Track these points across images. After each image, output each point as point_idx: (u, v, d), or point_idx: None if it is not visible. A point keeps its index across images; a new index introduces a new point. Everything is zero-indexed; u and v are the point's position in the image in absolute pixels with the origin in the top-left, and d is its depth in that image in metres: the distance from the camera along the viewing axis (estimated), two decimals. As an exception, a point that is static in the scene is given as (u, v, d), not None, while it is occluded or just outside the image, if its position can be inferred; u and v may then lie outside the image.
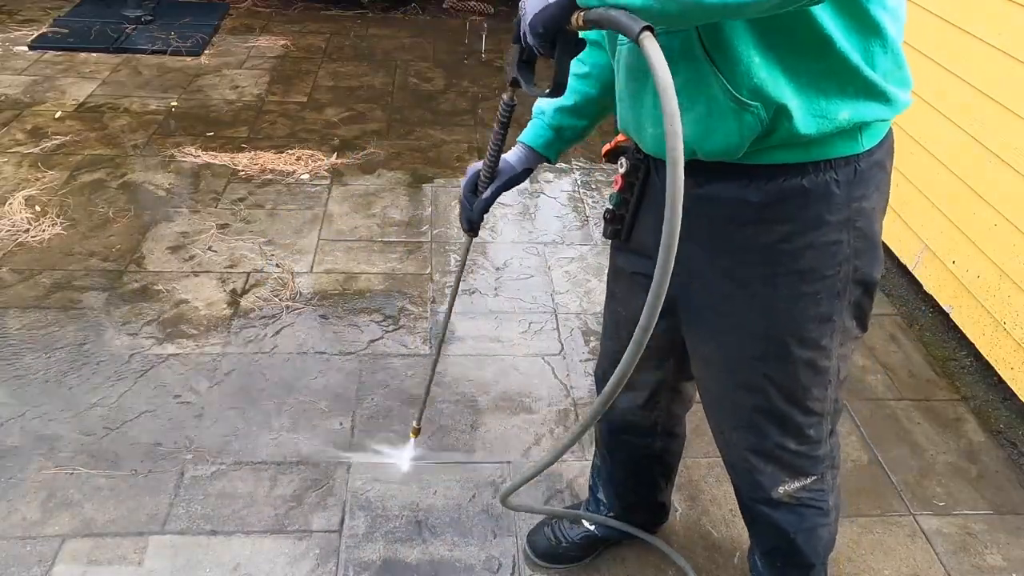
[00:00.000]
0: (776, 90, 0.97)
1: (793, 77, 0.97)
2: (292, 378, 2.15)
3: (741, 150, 1.02)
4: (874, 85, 0.99)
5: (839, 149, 1.04)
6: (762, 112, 0.98)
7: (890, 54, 0.99)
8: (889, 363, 2.41)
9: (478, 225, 1.36)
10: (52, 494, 1.78)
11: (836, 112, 0.99)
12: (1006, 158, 2.24)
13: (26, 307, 2.32)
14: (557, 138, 1.33)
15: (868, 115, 1.01)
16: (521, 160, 1.33)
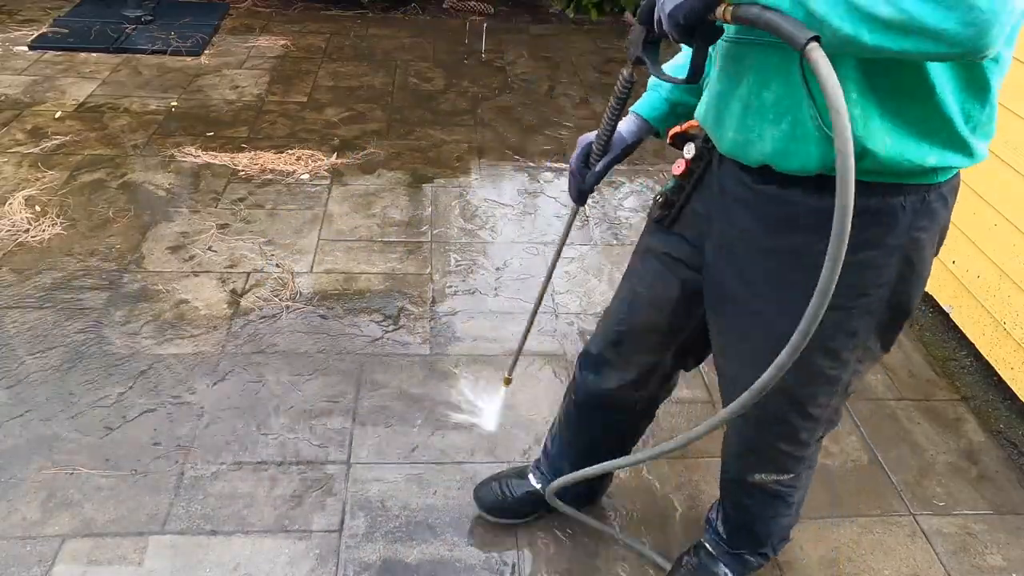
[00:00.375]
0: (864, 128, 0.97)
1: (888, 117, 0.97)
2: (292, 378, 2.15)
3: (817, 171, 1.03)
4: (961, 137, 1.01)
5: (915, 179, 1.05)
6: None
7: (987, 108, 1.01)
8: (889, 363, 2.41)
9: (587, 195, 1.37)
10: (52, 494, 1.78)
11: (923, 157, 1.00)
12: (1006, 158, 2.24)
13: (26, 307, 2.32)
14: (671, 112, 1.33)
15: (949, 163, 1.03)
16: (633, 132, 1.33)
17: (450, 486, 1.88)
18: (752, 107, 1.05)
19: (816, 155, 1.01)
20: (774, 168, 1.07)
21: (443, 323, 2.41)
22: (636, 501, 1.89)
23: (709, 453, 2.03)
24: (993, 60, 0.94)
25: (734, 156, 1.12)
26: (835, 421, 1.37)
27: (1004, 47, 0.94)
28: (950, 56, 0.78)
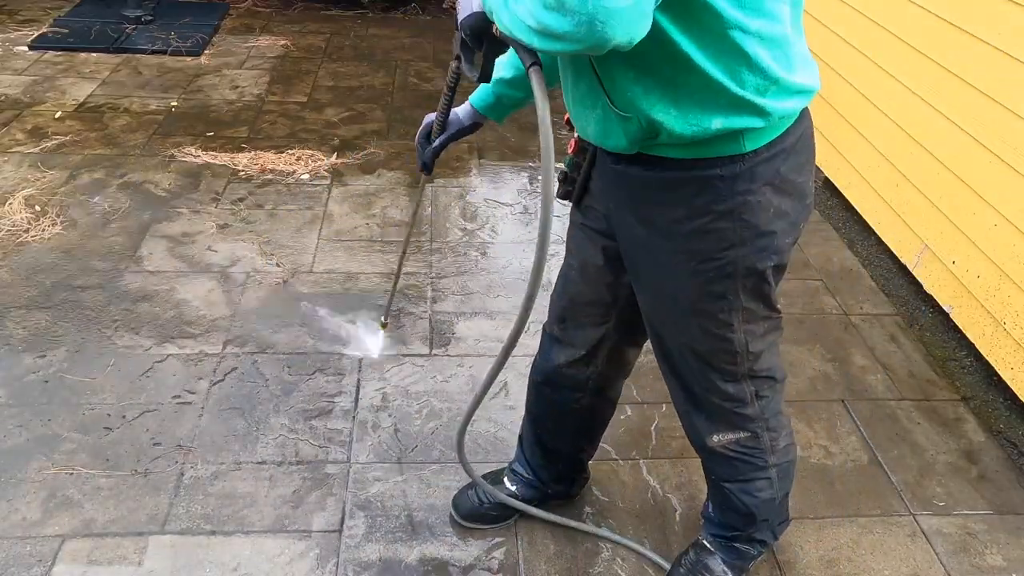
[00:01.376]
0: (647, 103, 1.10)
1: (667, 92, 1.09)
2: (292, 378, 2.15)
3: (634, 148, 1.18)
4: (742, 99, 1.09)
5: (722, 149, 1.15)
6: (641, 121, 1.13)
7: (758, 73, 1.08)
8: (889, 363, 2.41)
9: (431, 167, 1.58)
10: (52, 494, 1.78)
11: (708, 122, 1.10)
12: (1006, 158, 2.24)
13: (26, 307, 2.32)
14: (497, 103, 1.50)
15: (740, 124, 1.11)
16: (468, 115, 1.52)
17: (450, 486, 1.88)
18: (577, 98, 1.23)
19: (622, 135, 1.17)
20: (605, 148, 1.24)
21: (443, 323, 2.41)
22: (635, 500, 1.89)
23: (709, 453, 2.03)
24: (744, 31, 1.03)
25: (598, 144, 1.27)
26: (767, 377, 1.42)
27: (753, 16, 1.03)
28: (589, 51, 0.88)
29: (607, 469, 1.97)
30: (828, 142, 3.27)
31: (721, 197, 1.18)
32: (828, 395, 2.27)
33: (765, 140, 1.16)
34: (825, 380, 2.32)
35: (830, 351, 2.44)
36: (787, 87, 1.13)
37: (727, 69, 1.06)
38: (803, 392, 2.27)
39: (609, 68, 1.10)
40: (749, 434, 1.47)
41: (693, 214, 1.20)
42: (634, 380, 2.25)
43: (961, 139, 2.44)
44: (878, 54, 2.92)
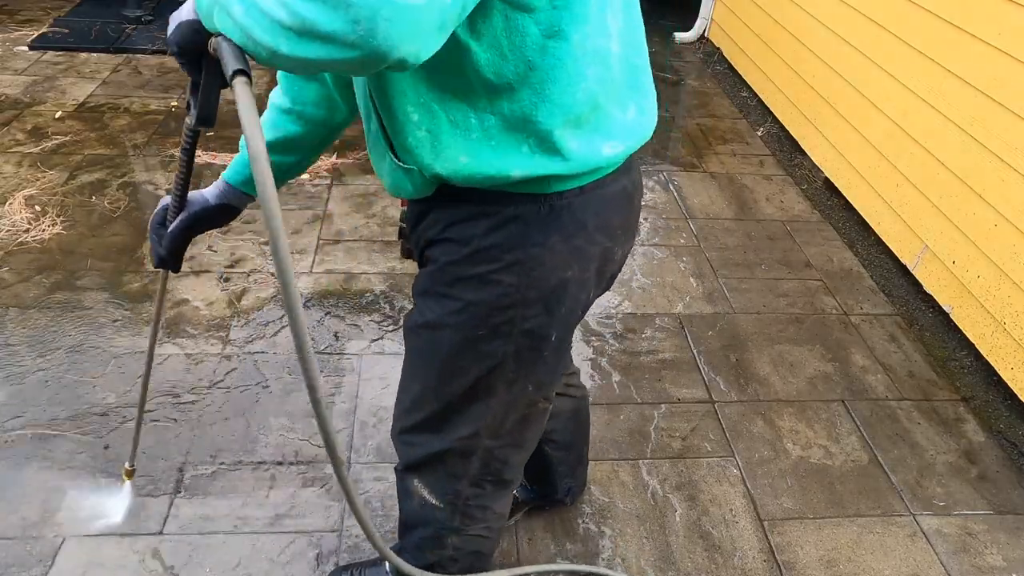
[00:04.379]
0: (433, 152, 0.92)
1: (459, 132, 0.90)
2: (292, 378, 2.16)
3: (431, 191, 1.00)
4: (548, 135, 0.90)
5: (523, 189, 0.96)
6: (424, 174, 0.95)
7: (577, 92, 0.89)
8: (889, 363, 2.41)
9: (170, 259, 1.21)
10: (52, 494, 1.78)
11: (508, 169, 0.92)
12: (1006, 158, 2.24)
13: (26, 307, 2.32)
14: None
15: (543, 171, 0.93)
16: (217, 195, 1.20)
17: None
18: (370, 145, 1.04)
19: (410, 188, 0.99)
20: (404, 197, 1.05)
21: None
22: (635, 501, 1.89)
23: (709, 453, 2.04)
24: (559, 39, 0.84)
25: (395, 195, 1.09)
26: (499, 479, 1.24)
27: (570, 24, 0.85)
28: (358, 65, 0.69)
29: (607, 469, 1.97)
30: (828, 142, 3.27)
31: (512, 244, 0.98)
32: (828, 395, 2.27)
33: (576, 184, 0.97)
34: (825, 380, 2.32)
35: (830, 351, 2.44)
36: (608, 123, 0.95)
37: (540, 90, 0.87)
38: (803, 392, 2.27)
39: (390, 107, 0.91)
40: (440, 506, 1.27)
41: (476, 258, 1.00)
42: (633, 381, 2.25)
43: (961, 139, 2.44)
44: (878, 54, 2.92)
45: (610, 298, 2.58)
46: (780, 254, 2.90)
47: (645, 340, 2.42)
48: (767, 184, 3.38)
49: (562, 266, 1.00)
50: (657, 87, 3.85)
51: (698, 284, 2.70)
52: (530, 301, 1.02)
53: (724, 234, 3.00)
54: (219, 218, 1.22)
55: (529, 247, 0.98)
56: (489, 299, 1.02)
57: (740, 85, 4.24)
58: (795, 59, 3.57)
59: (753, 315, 2.57)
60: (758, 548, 1.80)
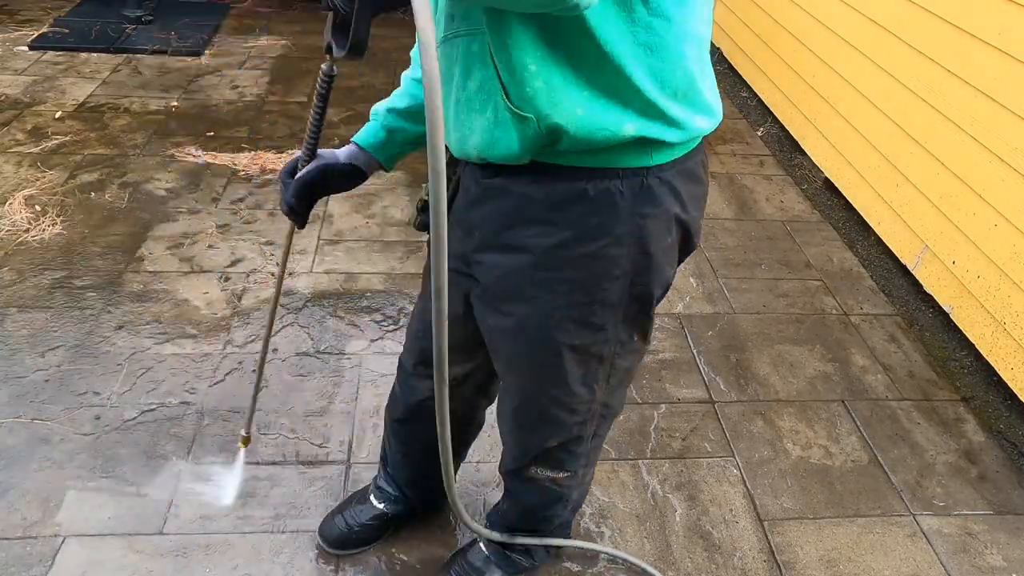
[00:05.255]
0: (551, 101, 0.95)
1: (575, 88, 0.94)
2: (292, 378, 2.16)
3: (526, 157, 1.01)
4: (655, 103, 0.96)
5: (626, 160, 1.01)
6: (540, 124, 0.96)
7: (681, 74, 0.96)
8: (889, 363, 2.41)
9: (299, 210, 1.23)
10: (52, 494, 1.78)
11: (620, 125, 0.96)
12: (1006, 158, 2.24)
13: (26, 307, 2.32)
14: (389, 140, 1.29)
15: (653, 133, 0.98)
16: (348, 155, 1.26)
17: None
18: (462, 101, 1.03)
19: (517, 140, 0.99)
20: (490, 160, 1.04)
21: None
22: (635, 501, 1.89)
23: (709, 453, 2.04)
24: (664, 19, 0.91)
25: (463, 156, 1.09)
26: (610, 414, 1.35)
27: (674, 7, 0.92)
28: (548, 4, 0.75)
29: (607, 469, 1.97)
30: (828, 142, 3.27)
31: (620, 217, 1.03)
32: (828, 395, 2.27)
33: (671, 157, 1.04)
34: (825, 380, 2.32)
35: (830, 351, 2.44)
36: (701, 99, 1.02)
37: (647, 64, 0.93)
38: (803, 392, 2.27)
39: (509, 56, 0.94)
40: (570, 473, 1.41)
41: (585, 237, 1.04)
42: (633, 380, 2.25)
43: (961, 139, 2.44)
44: (878, 54, 2.92)
45: (610, 298, 2.58)
46: (780, 254, 2.90)
47: (645, 340, 2.42)
48: (767, 184, 3.38)
49: (665, 232, 1.08)
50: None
51: (698, 284, 2.70)
52: (640, 269, 1.09)
53: (724, 234, 3.00)
54: (346, 178, 1.25)
55: (637, 218, 1.04)
56: (599, 273, 1.07)
57: (740, 85, 4.24)
58: (795, 59, 3.57)
59: (753, 315, 2.57)
60: (758, 548, 1.80)
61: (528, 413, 1.30)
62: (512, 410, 1.33)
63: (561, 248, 1.06)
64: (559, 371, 1.19)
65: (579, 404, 1.25)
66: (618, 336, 1.17)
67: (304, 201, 1.23)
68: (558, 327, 1.13)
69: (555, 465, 1.38)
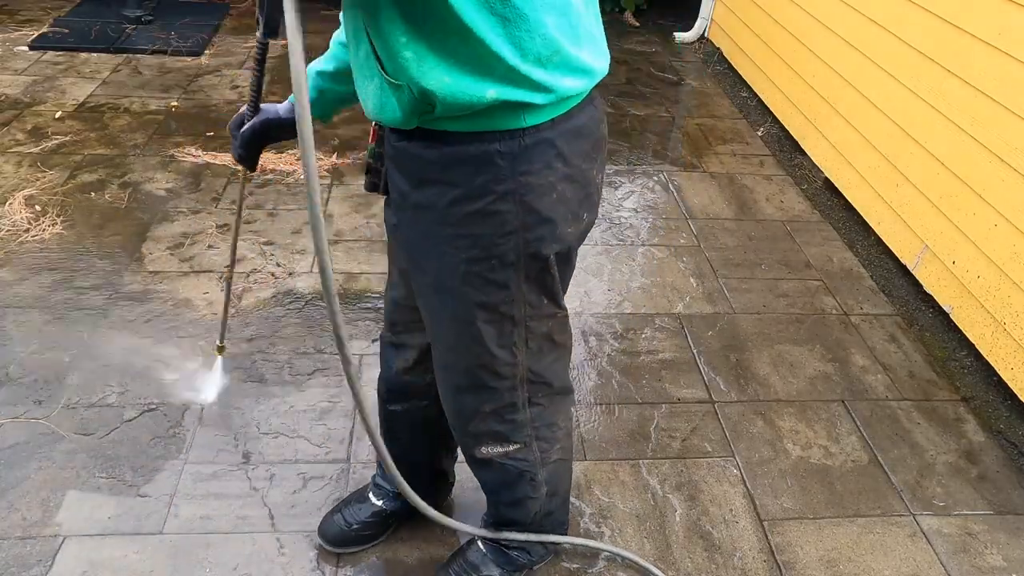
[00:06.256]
0: (419, 71, 1.01)
1: (442, 57, 1.00)
2: (292, 377, 2.15)
3: (411, 122, 1.09)
4: (520, 72, 1.02)
5: (500, 123, 1.07)
6: (413, 91, 1.04)
7: (538, 40, 1.01)
8: (889, 363, 2.41)
9: (247, 157, 1.40)
10: (52, 494, 1.78)
11: (482, 92, 1.02)
12: (1006, 158, 2.24)
13: (26, 307, 2.32)
14: (320, 99, 1.44)
15: (516, 97, 1.04)
16: (287, 109, 1.41)
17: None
18: (357, 68, 1.13)
19: (397, 106, 1.07)
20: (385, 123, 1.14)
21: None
22: (635, 501, 1.89)
23: (709, 453, 2.04)
24: None
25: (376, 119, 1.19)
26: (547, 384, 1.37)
27: None
28: None
29: (607, 469, 1.97)
30: (828, 142, 3.27)
31: (502, 176, 1.10)
32: (828, 395, 2.27)
33: (547, 116, 1.10)
34: (825, 380, 2.32)
35: (830, 351, 2.44)
36: (569, 61, 1.06)
37: (506, 34, 0.98)
38: (803, 392, 2.27)
39: (381, 31, 1.01)
40: (518, 445, 1.42)
41: (473, 195, 1.12)
42: (633, 381, 2.25)
43: (961, 139, 2.44)
44: (878, 54, 2.92)
45: (610, 298, 2.58)
46: (780, 254, 2.90)
47: (645, 340, 2.42)
48: (767, 184, 3.38)
49: (549, 189, 1.13)
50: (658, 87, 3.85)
51: (698, 284, 2.70)
52: (529, 225, 1.14)
53: (724, 234, 3.00)
54: (286, 130, 1.40)
55: (518, 176, 1.10)
56: (492, 230, 1.14)
57: (740, 85, 4.24)
58: (795, 59, 3.57)
59: (753, 315, 2.57)
60: (758, 548, 1.80)
61: (455, 375, 1.35)
62: (442, 378, 1.38)
63: (455, 205, 1.14)
64: (474, 330, 1.24)
65: (502, 367, 1.30)
66: (524, 297, 1.23)
67: (252, 150, 1.40)
68: (465, 282, 1.20)
69: (499, 438, 1.41)
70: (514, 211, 1.13)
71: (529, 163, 1.10)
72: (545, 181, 1.12)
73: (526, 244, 1.16)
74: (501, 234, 1.14)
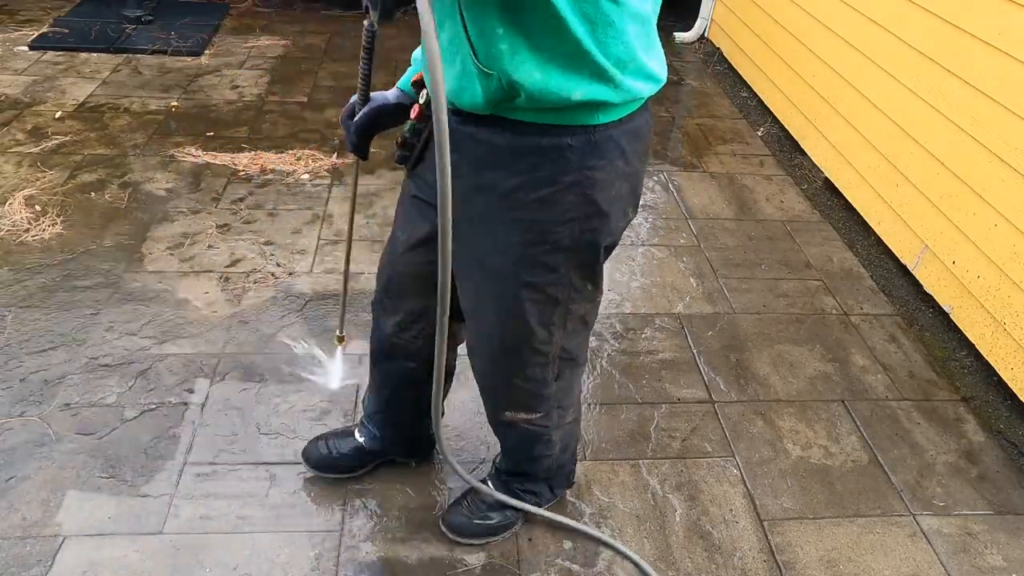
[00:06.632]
0: (512, 63, 1.07)
1: (535, 52, 1.06)
2: (292, 377, 2.16)
3: (489, 108, 1.14)
4: (604, 71, 1.09)
5: (577, 119, 1.15)
6: (502, 81, 1.09)
7: (622, 46, 1.08)
8: (889, 363, 2.41)
9: (361, 147, 1.43)
10: (52, 494, 1.78)
11: (571, 90, 1.09)
12: (1006, 158, 2.24)
13: (26, 307, 2.32)
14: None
15: (598, 96, 1.11)
16: (396, 96, 1.42)
17: (453, 486, 1.88)
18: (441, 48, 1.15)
19: (480, 92, 1.12)
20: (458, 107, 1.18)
21: (443, 323, 2.41)
22: (635, 501, 1.89)
23: (709, 453, 2.04)
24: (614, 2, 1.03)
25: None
26: (571, 361, 1.48)
27: None
28: None
29: (607, 469, 1.97)
30: (828, 142, 3.27)
31: (570, 168, 1.18)
32: (828, 395, 2.27)
33: (617, 116, 1.18)
34: (825, 380, 2.32)
35: (830, 351, 2.44)
36: (642, 67, 1.14)
37: (595, 37, 1.05)
38: (803, 392, 2.27)
39: (479, 19, 1.06)
40: (542, 414, 1.54)
41: (539, 183, 1.19)
42: (633, 381, 2.25)
43: (961, 139, 2.44)
44: (878, 54, 2.92)
45: (610, 298, 2.58)
46: (780, 254, 2.90)
47: (645, 340, 2.42)
48: (767, 184, 3.38)
49: (610, 184, 1.21)
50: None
51: (698, 284, 2.70)
52: (588, 215, 1.22)
53: (724, 234, 3.00)
54: (395, 116, 1.42)
55: (585, 170, 1.18)
56: (552, 216, 1.22)
57: (740, 85, 4.24)
58: (795, 59, 3.57)
59: (753, 315, 2.57)
60: (758, 548, 1.80)
61: (492, 346, 1.44)
62: (479, 345, 1.47)
63: (519, 191, 1.20)
64: (519, 307, 1.33)
65: (539, 344, 1.39)
66: (571, 281, 1.31)
67: (364, 139, 1.42)
68: (517, 262, 1.28)
69: (525, 407, 1.52)
70: (576, 202, 1.20)
71: (597, 158, 1.18)
72: (608, 176, 1.20)
73: (582, 233, 1.24)
74: (561, 222, 1.22)
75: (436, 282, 1.42)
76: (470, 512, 1.75)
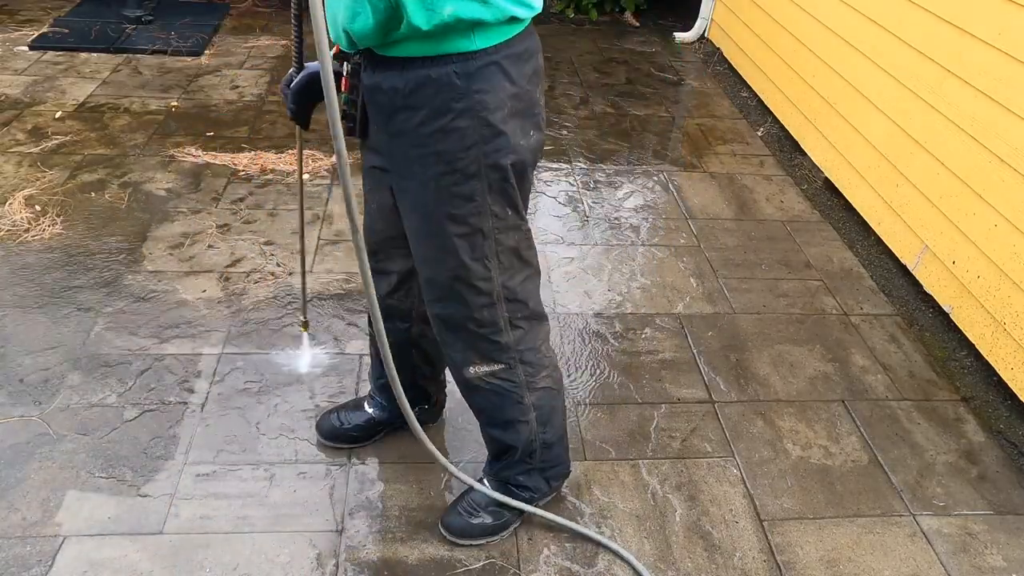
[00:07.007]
0: None
1: None
2: (292, 378, 2.15)
3: (379, 36, 1.22)
4: None
5: (455, 46, 1.23)
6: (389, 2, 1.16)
7: None
8: (889, 363, 2.41)
9: (299, 113, 1.49)
10: (52, 494, 1.78)
11: (442, 6, 1.16)
12: (1006, 158, 2.24)
13: (26, 307, 2.32)
14: None
15: (468, 13, 1.18)
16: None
17: (452, 486, 1.88)
18: None
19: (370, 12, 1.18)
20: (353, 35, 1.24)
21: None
22: (635, 501, 1.89)
23: (709, 453, 2.04)
24: None
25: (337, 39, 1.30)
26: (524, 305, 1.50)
27: None
28: None
29: (607, 469, 1.97)
30: (828, 142, 3.27)
31: (459, 94, 1.24)
32: (828, 395, 2.27)
33: (494, 40, 1.25)
34: (825, 380, 2.32)
35: (830, 351, 2.44)
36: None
37: None
38: (803, 392, 2.27)
39: None
40: (503, 366, 1.55)
41: (436, 114, 1.26)
42: (633, 381, 2.25)
43: (961, 139, 2.44)
44: (878, 54, 2.92)
45: (610, 298, 2.58)
46: (780, 254, 2.90)
47: (645, 340, 2.42)
48: (767, 184, 3.38)
49: (501, 104, 1.28)
50: (658, 87, 3.86)
51: (698, 284, 2.70)
52: (486, 137, 1.29)
53: (724, 234, 3.00)
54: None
55: (473, 94, 1.25)
56: (455, 145, 1.28)
57: (740, 85, 4.24)
58: (795, 59, 3.57)
59: (753, 315, 2.57)
60: (758, 548, 1.80)
61: (436, 289, 1.47)
62: (427, 292, 1.50)
63: (422, 126, 1.28)
64: (449, 241, 1.38)
65: (478, 281, 1.42)
66: (490, 208, 1.36)
67: (301, 106, 1.48)
68: (437, 197, 1.34)
69: (484, 357, 1.53)
70: (473, 125, 1.27)
71: (483, 82, 1.25)
72: (497, 98, 1.27)
73: (485, 156, 1.30)
74: (462, 148, 1.28)
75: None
76: (467, 513, 1.75)
